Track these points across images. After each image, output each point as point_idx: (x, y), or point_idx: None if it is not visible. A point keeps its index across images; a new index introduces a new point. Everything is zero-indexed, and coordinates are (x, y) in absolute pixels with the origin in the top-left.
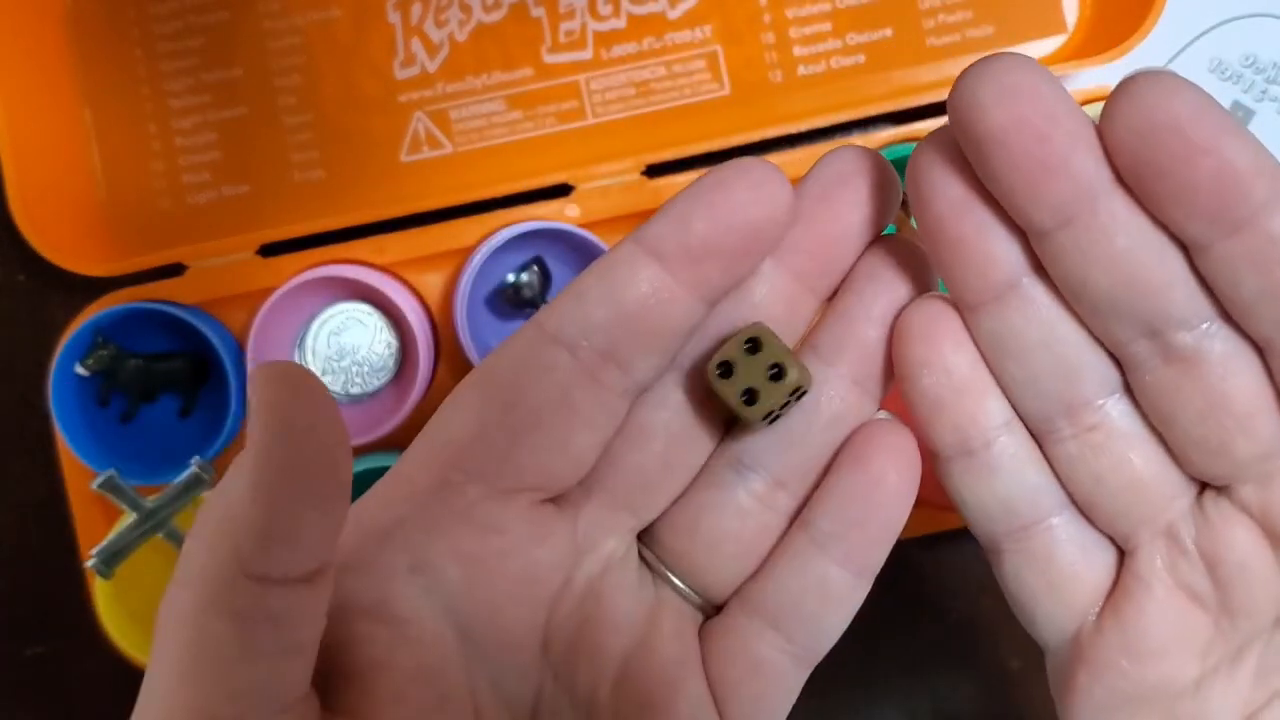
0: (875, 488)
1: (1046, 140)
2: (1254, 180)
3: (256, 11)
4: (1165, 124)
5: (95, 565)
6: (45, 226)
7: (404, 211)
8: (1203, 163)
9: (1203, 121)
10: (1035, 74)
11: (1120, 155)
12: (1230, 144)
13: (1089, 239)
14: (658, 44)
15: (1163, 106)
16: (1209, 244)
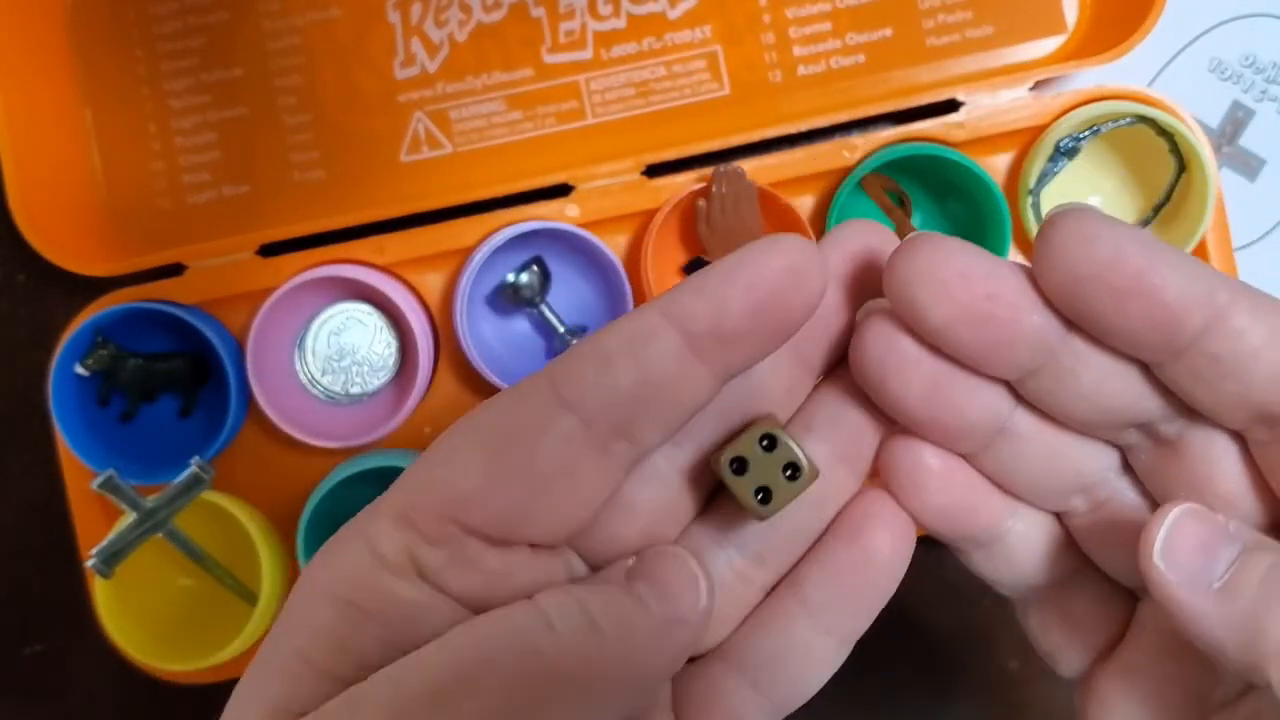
0: (868, 563)
1: (991, 321)
2: (1185, 312)
3: (256, 12)
4: (1088, 275)
5: (95, 565)
6: (45, 226)
7: (404, 211)
8: (1132, 305)
9: (1124, 265)
10: (961, 256)
11: (1059, 305)
12: (1155, 281)
13: (1057, 382)
14: (658, 44)
15: (1082, 258)
16: (1159, 365)
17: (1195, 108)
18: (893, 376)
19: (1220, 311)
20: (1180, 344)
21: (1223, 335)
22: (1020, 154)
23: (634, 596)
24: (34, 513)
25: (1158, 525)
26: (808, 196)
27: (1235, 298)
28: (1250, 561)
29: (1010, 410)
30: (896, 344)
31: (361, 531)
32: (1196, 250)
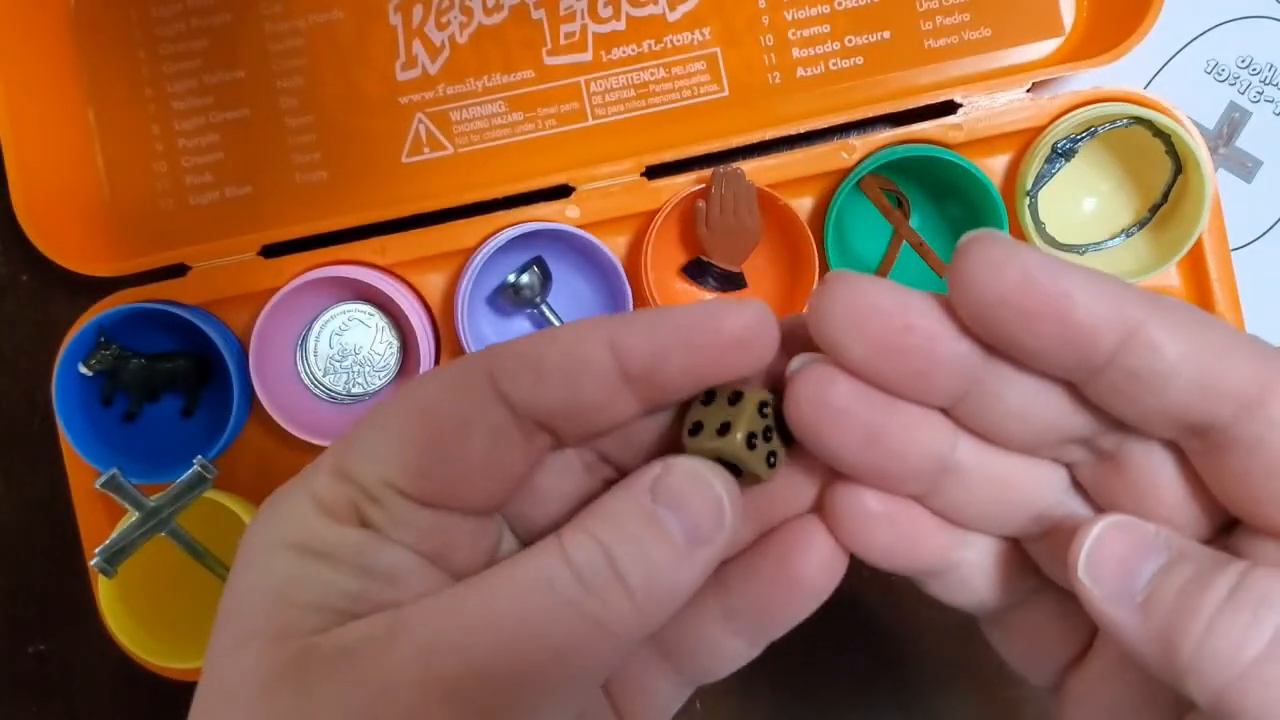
0: (791, 586)
1: (908, 351)
2: (1097, 330)
3: (259, 13)
4: (998, 300)
5: (98, 564)
6: (49, 227)
7: (405, 212)
8: (1045, 328)
9: (1032, 288)
10: (875, 291)
11: (975, 331)
12: (1066, 302)
13: (987, 404)
14: (657, 46)
15: (991, 283)
16: (1082, 383)
17: (1192, 109)
18: (827, 432)
19: (1134, 328)
20: (1097, 362)
21: (1138, 351)
22: (1018, 155)
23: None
24: (37, 512)
25: (1082, 539)
26: (806, 198)
27: (1149, 313)
28: (1170, 574)
29: (951, 447)
30: (827, 397)
31: (304, 485)
32: (1193, 251)
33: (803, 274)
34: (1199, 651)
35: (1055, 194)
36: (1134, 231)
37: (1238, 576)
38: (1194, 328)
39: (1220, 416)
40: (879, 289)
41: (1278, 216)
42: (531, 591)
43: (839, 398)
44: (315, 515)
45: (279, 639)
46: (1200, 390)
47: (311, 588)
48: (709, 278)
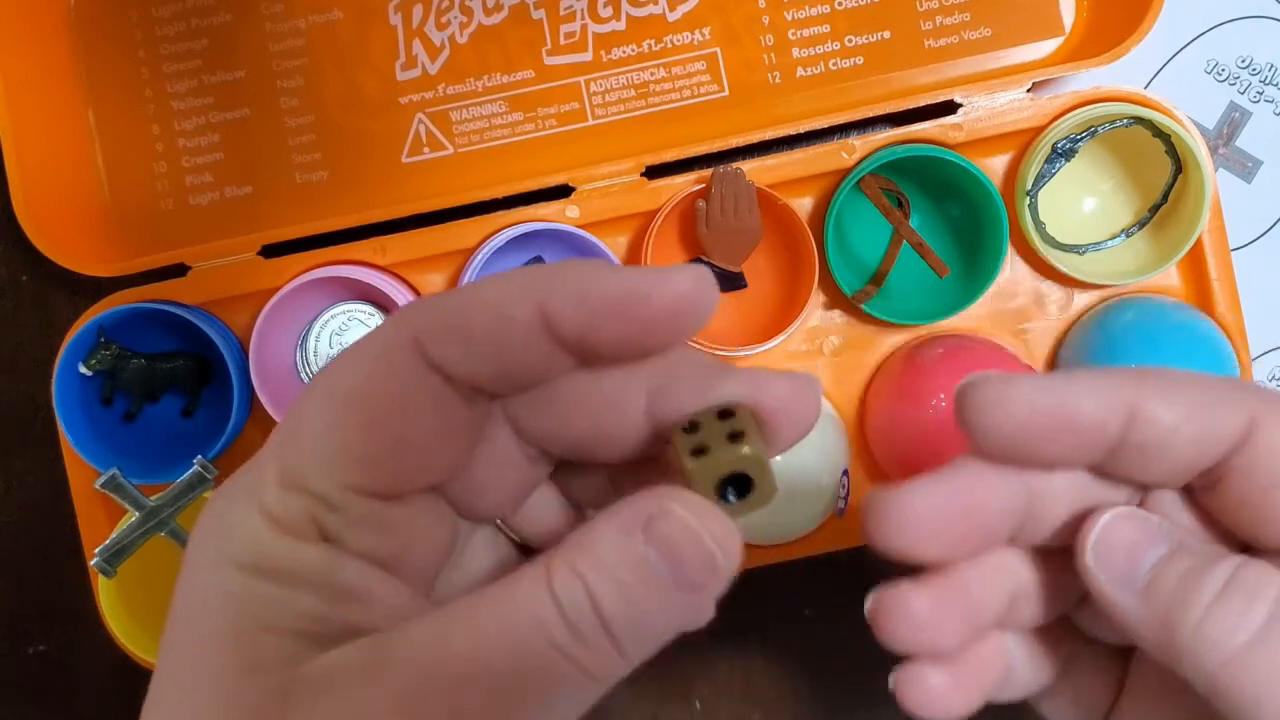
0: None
1: (973, 534)
2: (1104, 422)
3: (259, 14)
4: (1017, 434)
5: (99, 564)
6: (49, 227)
7: (405, 213)
8: (1062, 438)
9: (1041, 412)
10: (929, 500)
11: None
12: (1072, 412)
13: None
14: (657, 46)
15: (1006, 421)
16: (1098, 466)
17: (1192, 109)
18: (929, 642)
19: (1132, 408)
20: (1109, 448)
21: (1142, 427)
22: (1018, 155)
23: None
24: (38, 512)
25: (1093, 526)
26: (806, 197)
27: (1141, 390)
28: (1170, 564)
29: (1018, 575)
30: (913, 618)
31: (250, 496)
32: (1193, 251)
33: (803, 274)
34: (1195, 636)
35: (1055, 194)
36: (1134, 231)
37: (1232, 569)
38: (1181, 392)
39: (1220, 455)
40: (925, 495)
41: (1278, 216)
42: (521, 633)
43: (926, 614)
44: (269, 532)
45: (253, 671)
46: (1199, 444)
47: (276, 613)
48: None
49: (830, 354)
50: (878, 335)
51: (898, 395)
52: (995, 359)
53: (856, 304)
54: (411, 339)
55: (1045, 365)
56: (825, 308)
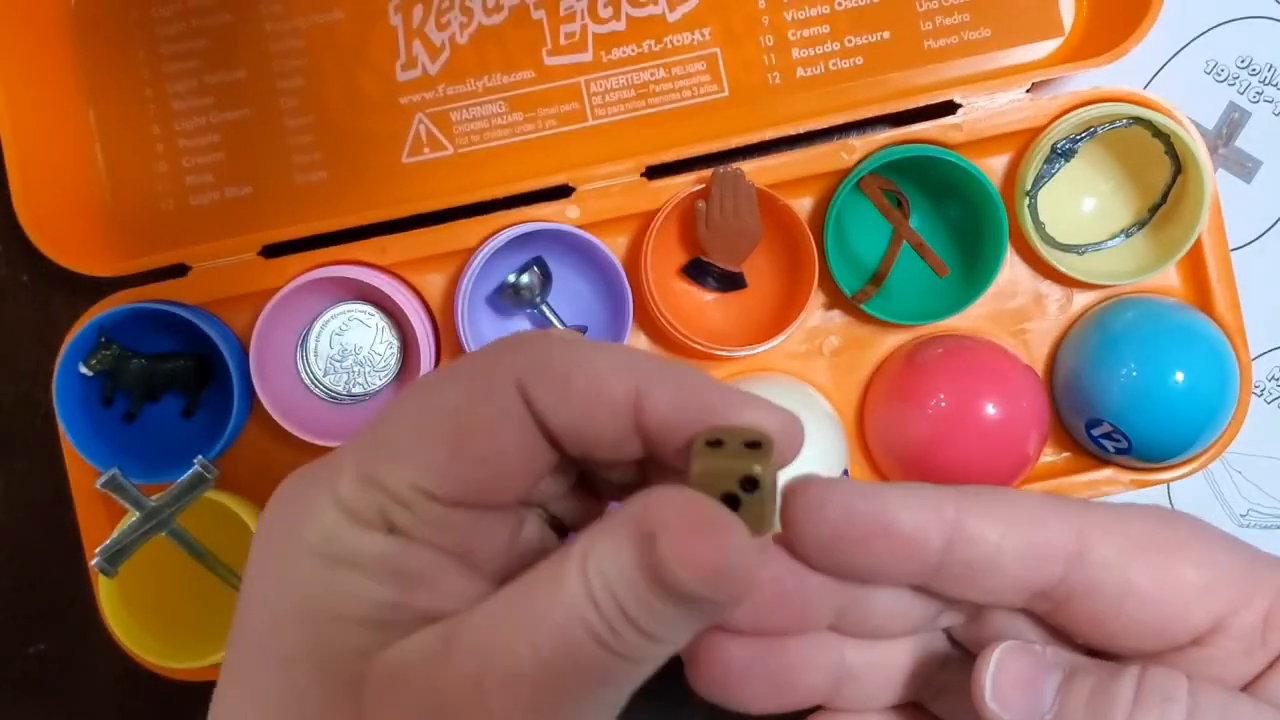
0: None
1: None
2: (924, 535)
3: (259, 14)
4: (832, 536)
5: (99, 563)
6: (49, 227)
7: (405, 213)
8: (878, 546)
9: (857, 518)
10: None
11: (821, 567)
12: (888, 518)
13: (861, 618)
14: (657, 46)
15: (822, 523)
16: (927, 583)
17: (1191, 109)
18: (735, 692)
19: (954, 524)
20: (932, 564)
21: (965, 544)
22: (1017, 155)
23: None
24: (38, 512)
25: (984, 668)
26: (806, 198)
27: (962, 507)
28: (1073, 688)
29: (841, 656)
30: (725, 665)
31: (326, 489)
32: (1193, 251)
33: (803, 274)
34: None
35: (1055, 194)
36: (1134, 232)
37: (1136, 679)
38: (1005, 508)
39: (1053, 575)
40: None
41: (1277, 216)
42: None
43: (737, 663)
44: (344, 523)
45: (328, 660)
46: (1028, 559)
47: (350, 601)
48: (709, 278)
49: (830, 354)
50: (877, 335)
51: (898, 395)
52: (995, 359)
53: (856, 304)
54: (515, 376)
55: (1044, 365)
56: (825, 308)
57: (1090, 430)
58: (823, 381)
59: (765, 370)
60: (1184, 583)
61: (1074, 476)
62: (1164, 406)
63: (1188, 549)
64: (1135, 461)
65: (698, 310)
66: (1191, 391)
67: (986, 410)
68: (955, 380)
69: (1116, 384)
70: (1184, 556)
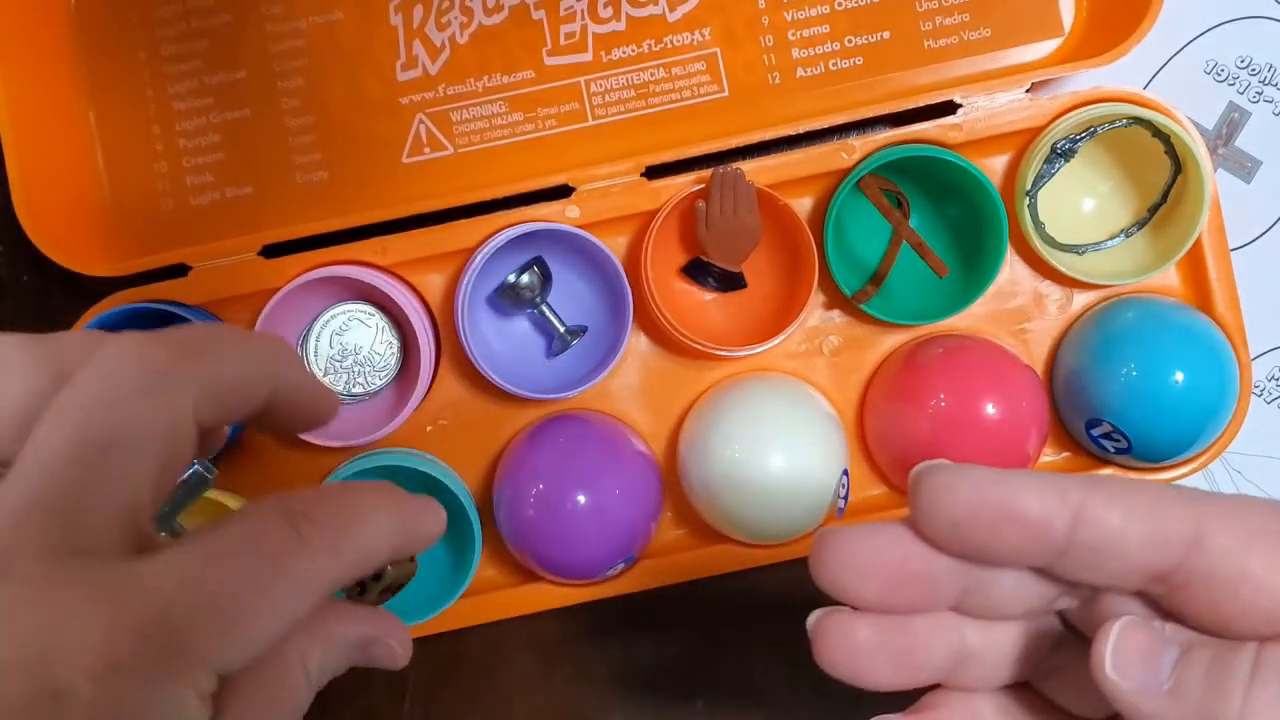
0: None
1: (911, 581)
2: (1049, 520)
3: (259, 14)
4: (961, 521)
5: None
6: (49, 227)
7: (406, 213)
8: (1006, 530)
9: (986, 503)
10: (868, 541)
11: (949, 550)
12: (1017, 504)
13: (982, 597)
14: (657, 46)
15: (953, 507)
16: (1050, 567)
17: (1191, 109)
18: (864, 671)
19: (1078, 509)
20: (1057, 546)
21: (1089, 527)
22: (1017, 155)
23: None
24: None
25: (1105, 639)
26: (806, 198)
27: (1087, 493)
28: (1191, 660)
29: (963, 637)
30: (853, 645)
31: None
32: (1193, 251)
33: (803, 274)
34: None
35: (1055, 194)
36: (1133, 232)
37: (1254, 654)
38: (1128, 495)
39: (1173, 559)
40: (868, 538)
41: (1277, 216)
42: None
43: (864, 642)
44: None
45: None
46: (1150, 544)
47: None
48: (709, 278)
49: (830, 354)
50: (877, 335)
51: (897, 395)
52: (995, 359)
53: (856, 304)
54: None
55: (1044, 365)
56: (825, 308)
57: (1090, 430)
58: (823, 381)
59: (765, 370)
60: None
61: None
62: (1164, 406)
63: None
64: (1135, 461)
65: (698, 310)
66: (1191, 391)
67: (986, 410)
68: (955, 380)
69: (1116, 384)
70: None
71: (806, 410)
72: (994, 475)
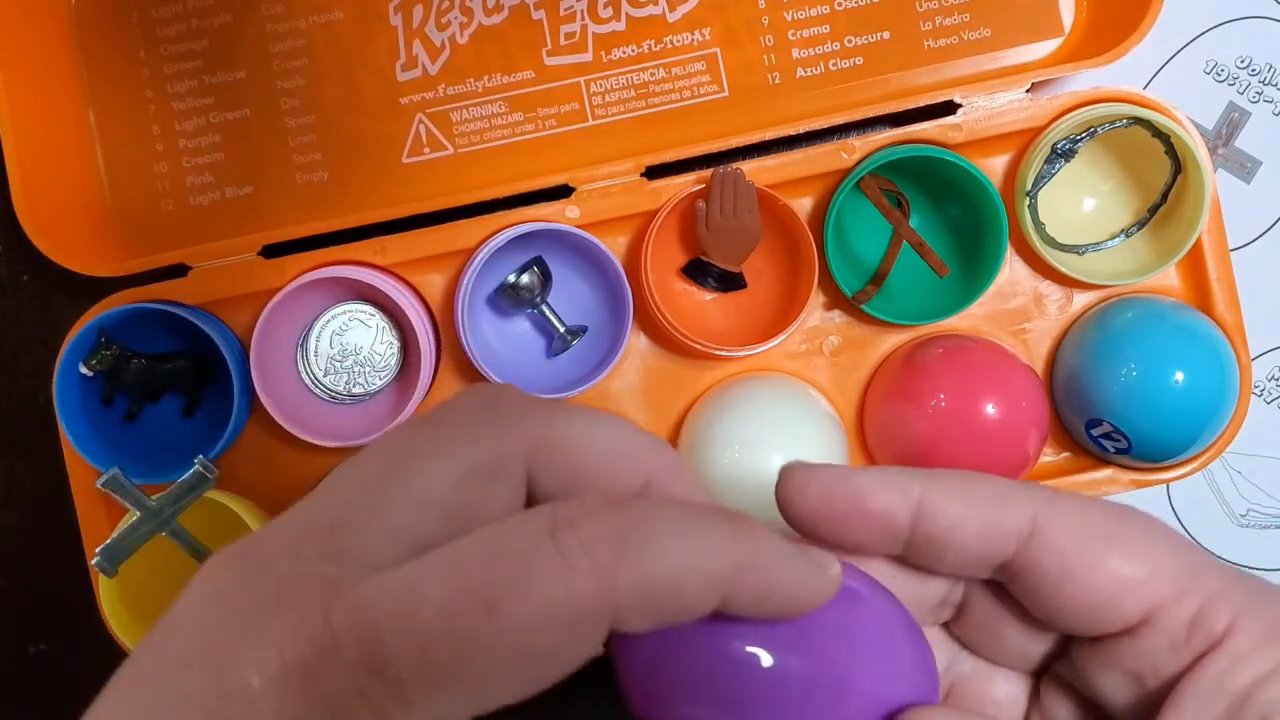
0: None
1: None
2: (892, 513)
3: (259, 14)
4: (814, 514)
5: (99, 563)
6: (49, 227)
7: (406, 213)
8: (853, 523)
9: (833, 497)
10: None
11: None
12: (860, 499)
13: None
14: (657, 46)
15: (803, 503)
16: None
17: (1191, 109)
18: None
19: (917, 502)
20: (902, 538)
21: (928, 520)
22: (1017, 156)
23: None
24: (38, 512)
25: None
26: (806, 198)
27: (927, 487)
28: None
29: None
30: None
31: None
32: (1193, 251)
33: (803, 274)
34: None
35: (1055, 194)
36: (1133, 232)
37: None
38: (966, 489)
39: (1006, 552)
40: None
41: (1277, 216)
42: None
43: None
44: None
45: None
46: (985, 536)
47: None
48: (709, 278)
49: (830, 354)
50: (877, 335)
51: (897, 395)
52: (995, 359)
53: (856, 304)
54: (525, 457)
55: (1044, 365)
56: (825, 308)
57: (1090, 430)
58: (823, 381)
59: (765, 370)
60: (1120, 574)
61: (1074, 476)
62: (1164, 406)
63: (1132, 543)
64: (1135, 461)
65: (698, 310)
66: (1191, 391)
67: (986, 410)
68: (955, 380)
69: (1116, 384)
70: (1126, 550)
71: (806, 410)
72: (843, 473)
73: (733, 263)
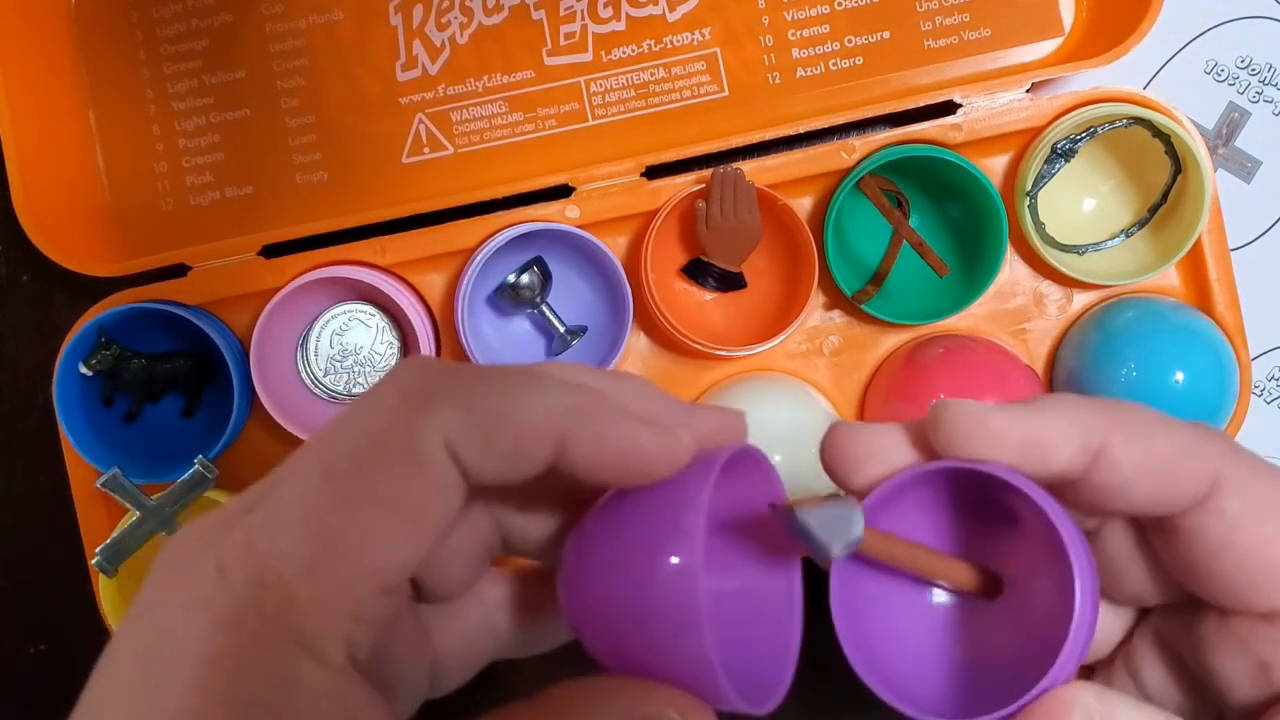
0: None
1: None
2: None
3: (259, 14)
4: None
5: (99, 563)
6: (50, 227)
7: (406, 213)
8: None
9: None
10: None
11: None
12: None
13: None
14: (657, 46)
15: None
16: (1059, 491)
17: (1191, 109)
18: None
19: (1099, 450)
20: (1069, 482)
21: (1102, 472)
22: (1017, 155)
23: None
24: (38, 512)
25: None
26: (806, 198)
27: (1109, 435)
28: None
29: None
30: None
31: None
32: (1193, 251)
33: (803, 274)
34: None
35: (1055, 194)
36: (1134, 232)
37: None
38: (1150, 439)
39: (1175, 510)
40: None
41: (1277, 216)
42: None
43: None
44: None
45: None
46: (1157, 496)
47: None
48: (709, 278)
49: (830, 354)
50: (878, 335)
51: (897, 395)
52: (995, 359)
53: (856, 304)
54: (444, 440)
55: (1044, 365)
56: (825, 308)
57: None
58: (823, 381)
59: (765, 370)
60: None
61: None
62: (1164, 406)
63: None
64: None
65: (698, 310)
66: (1191, 391)
67: None
68: (955, 380)
69: (1116, 384)
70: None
71: (806, 410)
72: (1020, 417)
73: (733, 263)
